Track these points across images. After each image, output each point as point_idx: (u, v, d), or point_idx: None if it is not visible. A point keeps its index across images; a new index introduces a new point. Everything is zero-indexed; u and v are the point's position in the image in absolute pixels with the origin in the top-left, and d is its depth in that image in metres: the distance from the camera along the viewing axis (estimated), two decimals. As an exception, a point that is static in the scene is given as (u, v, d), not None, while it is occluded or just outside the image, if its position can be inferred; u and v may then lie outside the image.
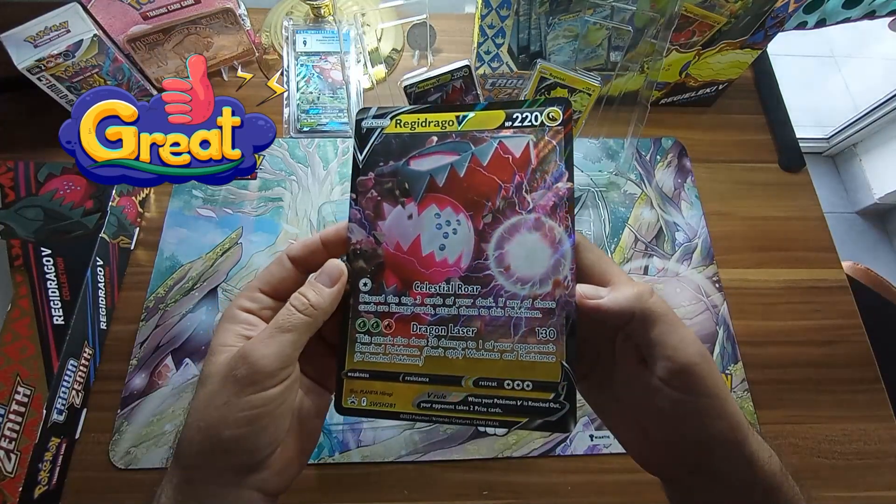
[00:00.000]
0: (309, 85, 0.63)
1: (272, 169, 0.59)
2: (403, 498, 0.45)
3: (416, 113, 0.28)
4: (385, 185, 0.27)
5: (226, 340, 0.25)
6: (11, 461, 0.40)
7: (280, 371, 0.24)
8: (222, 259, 0.53)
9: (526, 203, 0.26)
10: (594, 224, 0.57)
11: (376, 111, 0.28)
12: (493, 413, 0.25)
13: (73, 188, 0.50)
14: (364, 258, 0.27)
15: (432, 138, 0.27)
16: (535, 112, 0.27)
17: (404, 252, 0.26)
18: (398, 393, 0.26)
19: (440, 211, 0.27)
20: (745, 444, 0.24)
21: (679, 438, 0.24)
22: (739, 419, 0.24)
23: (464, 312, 0.26)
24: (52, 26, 0.49)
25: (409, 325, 0.26)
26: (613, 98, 0.54)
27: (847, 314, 0.54)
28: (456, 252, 0.26)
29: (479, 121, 0.27)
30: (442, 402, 0.25)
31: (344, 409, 0.26)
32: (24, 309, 0.44)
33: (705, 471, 0.25)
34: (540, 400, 0.25)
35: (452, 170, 0.27)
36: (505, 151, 0.27)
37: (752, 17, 0.51)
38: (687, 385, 0.23)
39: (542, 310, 0.25)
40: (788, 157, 0.62)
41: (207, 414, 0.23)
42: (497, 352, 0.25)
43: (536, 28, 0.55)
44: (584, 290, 0.25)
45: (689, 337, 0.24)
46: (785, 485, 0.25)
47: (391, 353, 0.26)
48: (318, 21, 0.66)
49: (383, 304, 0.26)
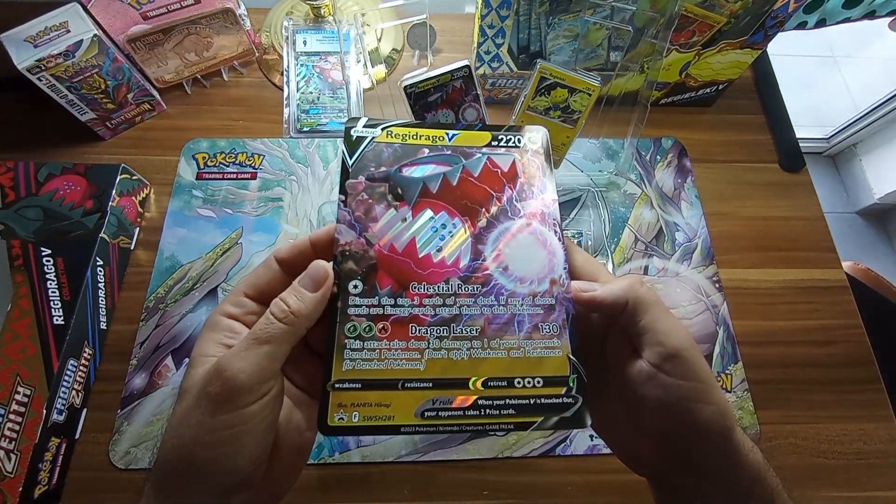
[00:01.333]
0: (309, 85, 0.63)
1: (272, 169, 0.59)
2: (403, 498, 0.45)
3: (407, 127, 0.29)
4: (377, 189, 0.27)
5: (206, 350, 0.23)
6: (11, 461, 0.40)
7: (258, 386, 0.21)
8: (222, 259, 0.53)
9: (517, 210, 0.27)
10: (594, 224, 0.57)
11: (366, 121, 0.28)
12: (505, 415, 0.24)
13: (73, 188, 0.50)
14: (354, 260, 0.25)
15: (423, 150, 0.28)
16: (517, 136, 0.29)
17: (399, 253, 0.26)
18: (397, 403, 0.23)
19: (435, 215, 0.27)
20: (732, 433, 0.24)
21: (670, 425, 0.25)
22: (727, 408, 0.24)
23: (466, 312, 0.25)
24: (52, 26, 0.49)
25: (408, 327, 0.25)
26: (613, 98, 0.54)
27: (847, 314, 0.54)
28: (454, 253, 0.26)
29: (467, 139, 0.29)
30: (449, 408, 0.24)
31: (330, 427, 0.22)
32: (24, 309, 0.44)
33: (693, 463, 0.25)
34: (552, 396, 0.24)
35: (445, 178, 0.28)
36: (494, 166, 0.28)
37: (752, 17, 0.51)
38: (678, 370, 0.24)
39: (543, 306, 0.26)
40: (788, 157, 0.62)
41: (181, 433, 0.21)
42: (504, 349, 0.25)
43: (536, 28, 0.55)
44: (578, 284, 0.26)
45: (678, 324, 0.25)
46: (768, 475, 0.25)
47: (387, 357, 0.24)
48: (318, 21, 0.66)
49: (377, 307, 0.25)
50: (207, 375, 0.22)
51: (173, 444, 0.22)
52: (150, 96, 0.59)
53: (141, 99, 0.59)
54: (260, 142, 0.60)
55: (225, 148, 0.60)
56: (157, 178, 0.57)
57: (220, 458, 0.21)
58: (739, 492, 0.25)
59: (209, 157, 0.59)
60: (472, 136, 0.29)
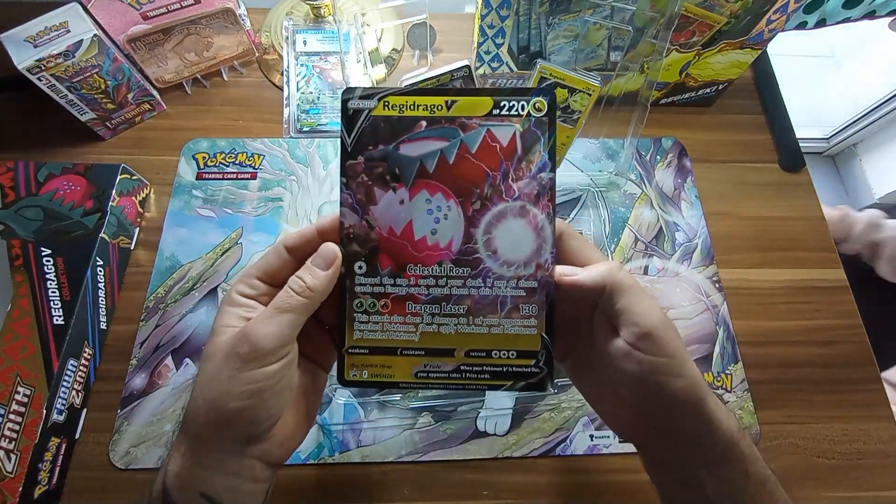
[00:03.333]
0: (309, 85, 0.63)
1: (272, 169, 0.59)
2: (403, 498, 0.45)
3: (405, 95, 0.27)
4: (375, 169, 0.28)
5: (227, 322, 0.26)
6: (11, 461, 0.40)
7: (279, 349, 0.25)
8: (222, 259, 0.53)
9: (512, 191, 0.27)
10: (594, 224, 0.57)
11: (363, 92, 0.28)
12: (482, 379, 0.28)
13: (73, 188, 0.50)
14: (358, 242, 0.28)
15: (421, 123, 0.27)
16: (521, 101, 0.27)
17: (397, 236, 0.28)
18: (397, 365, 0.28)
19: (431, 196, 0.28)
20: (704, 403, 0.26)
21: (647, 397, 0.27)
22: (698, 380, 0.27)
23: (455, 292, 0.28)
24: (52, 26, 0.49)
25: (405, 305, 0.28)
26: (613, 98, 0.54)
27: (847, 314, 0.54)
28: (447, 236, 0.28)
29: (467, 106, 0.27)
30: (437, 371, 0.28)
31: (347, 381, 0.28)
32: (24, 309, 0.44)
33: (671, 430, 0.28)
34: (523, 366, 0.28)
35: (442, 156, 0.27)
36: (493, 140, 0.27)
37: (752, 17, 0.51)
38: (651, 347, 0.26)
39: (526, 289, 0.28)
40: (788, 157, 0.62)
41: (212, 388, 0.25)
42: (486, 326, 0.28)
43: (536, 28, 0.55)
44: (562, 269, 0.28)
45: (652, 305, 0.27)
46: (742, 442, 0.27)
47: (389, 330, 0.28)
48: (318, 21, 0.66)
49: (379, 286, 0.28)
50: (235, 339, 0.25)
51: (205, 397, 0.25)
52: (150, 96, 0.59)
53: (141, 99, 0.59)
54: (260, 142, 0.60)
55: (225, 148, 0.60)
56: (157, 178, 0.57)
57: (246, 409, 0.25)
58: (713, 458, 0.27)
59: (209, 157, 0.59)
60: (472, 102, 0.27)
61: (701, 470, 0.27)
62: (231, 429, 0.25)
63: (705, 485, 0.27)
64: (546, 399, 0.48)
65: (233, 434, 0.26)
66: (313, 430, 0.47)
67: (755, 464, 0.28)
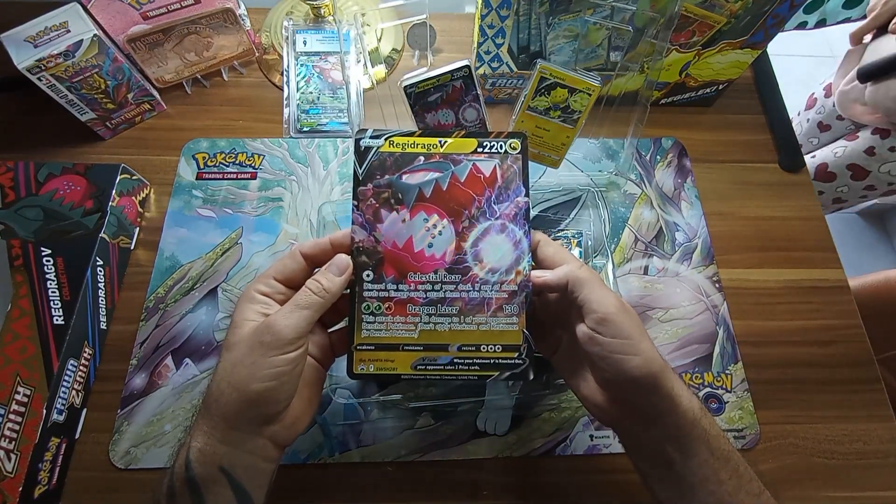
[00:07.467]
0: (309, 85, 0.63)
1: (272, 169, 0.59)
2: (403, 498, 0.45)
3: (406, 136, 0.34)
4: (382, 194, 0.34)
5: (247, 316, 0.31)
6: (11, 461, 0.40)
7: (297, 339, 0.30)
8: (222, 259, 0.53)
9: (494, 212, 0.34)
10: (594, 224, 0.57)
11: (372, 133, 0.34)
12: (472, 370, 0.33)
13: (73, 188, 0.50)
14: (366, 254, 0.33)
15: (420, 157, 0.34)
16: (500, 141, 0.34)
17: (400, 249, 0.33)
18: (399, 359, 0.33)
19: (428, 216, 0.33)
20: (661, 379, 0.30)
21: (608, 375, 0.31)
22: (653, 356, 0.30)
23: (448, 295, 0.33)
24: (52, 26, 0.49)
25: (406, 307, 0.33)
26: (613, 98, 0.54)
27: (847, 314, 0.54)
28: (441, 249, 0.33)
29: (457, 145, 0.34)
30: (434, 364, 0.33)
31: (355, 374, 0.33)
32: (24, 309, 0.44)
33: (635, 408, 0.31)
34: (507, 358, 0.33)
35: (437, 184, 0.34)
36: (478, 171, 0.34)
37: (752, 17, 0.51)
38: (609, 330, 0.30)
39: (508, 292, 0.33)
40: (788, 157, 0.62)
41: (237, 372, 0.29)
42: (475, 324, 0.33)
43: (536, 28, 0.54)
44: (535, 272, 0.33)
45: (609, 295, 0.31)
46: (704, 419, 0.31)
47: (391, 328, 0.33)
48: (318, 21, 0.66)
49: (384, 291, 0.33)
50: (257, 330, 0.29)
51: (229, 381, 0.29)
52: (150, 96, 0.59)
53: (141, 99, 0.59)
54: (260, 142, 0.60)
55: (225, 148, 0.60)
56: (157, 178, 0.57)
57: (269, 390, 0.29)
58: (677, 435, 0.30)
59: (209, 157, 0.59)
60: (460, 143, 0.34)
61: (667, 446, 0.30)
62: (254, 408, 0.29)
63: (674, 461, 0.30)
64: (546, 399, 0.48)
65: (254, 414, 0.29)
66: (313, 430, 0.47)
67: (717, 439, 0.31)
